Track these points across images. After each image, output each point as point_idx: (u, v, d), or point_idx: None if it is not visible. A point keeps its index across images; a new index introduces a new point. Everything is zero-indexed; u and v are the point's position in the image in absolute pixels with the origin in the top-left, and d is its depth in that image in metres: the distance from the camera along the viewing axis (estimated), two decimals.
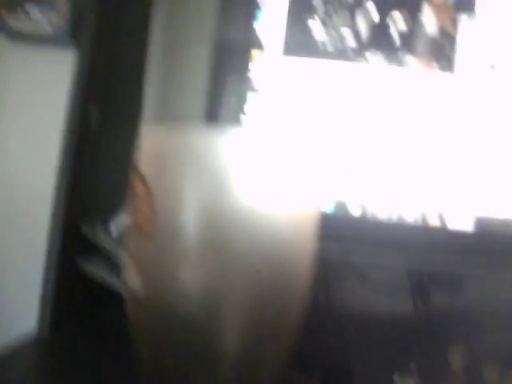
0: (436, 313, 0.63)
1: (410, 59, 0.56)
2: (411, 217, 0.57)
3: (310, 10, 0.56)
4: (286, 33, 0.56)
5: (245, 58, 0.57)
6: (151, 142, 0.33)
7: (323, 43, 0.56)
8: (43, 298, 0.58)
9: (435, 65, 0.56)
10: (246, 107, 0.58)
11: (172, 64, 0.79)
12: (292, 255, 0.32)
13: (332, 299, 0.64)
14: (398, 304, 0.68)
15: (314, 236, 0.33)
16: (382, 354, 0.57)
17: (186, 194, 0.30)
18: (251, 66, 0.58)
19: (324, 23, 0.55)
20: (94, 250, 0.62)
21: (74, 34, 0.77)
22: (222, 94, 0.58)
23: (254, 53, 0.58)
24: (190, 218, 0.30)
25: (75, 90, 0.60)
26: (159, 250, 0.31)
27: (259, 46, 0.58)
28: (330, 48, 0.56)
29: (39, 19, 0.77)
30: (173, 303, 0.31)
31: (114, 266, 0.60)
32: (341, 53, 0.57)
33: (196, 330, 0.31)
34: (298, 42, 0.57)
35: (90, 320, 0.62)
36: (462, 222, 0.57)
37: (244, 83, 0.57)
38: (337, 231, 0.54)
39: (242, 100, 0.57)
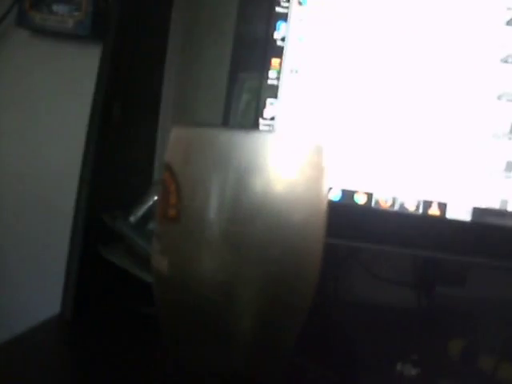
0: (437, 303, 0.66)
1: None
2: (413, 206, 0.61)
3: None
4: None
5: (264, 65, 0.61)
6: (181, 140, 0.36)
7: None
8: (66, 284, 0.61)
9: None
10: (264, 112, 0.62)
11: (191, 60, 0.82)
12: (304, 240, 0.35)
13: (337, 288, 0.67)
14: (401, 293, 0.71)
15: (325, 221, 0.36)
16: (386, 343, 0.60)
17: (210, 186, 0.33)
18: (271, 73, 0.62)
19: None
20: (114, 239, 0.65)
21: (95, 29, 0.80)
22: (239, 94, 0.62)
23: (274, 61, 0.62)
24: (211, 206, 0.33)
25: (99, 84, 0.63)
26: (183, 233, 0.34)
27: (279, 55, 0.62)
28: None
29: (62, 14, 0.79)
30: (195, 284, 0.34)
31: (133, 255, 0.63)
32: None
33: (214, 311, 0.34)
34: None
35: (110, 305, 0.65)
36: (461, 212, 0.60)
37: (262, 88, 0.61)
38: (342, 219, 0.57)
39: (259, 104, 0.61)
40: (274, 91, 0.61)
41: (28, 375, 0.48)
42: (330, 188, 0.61)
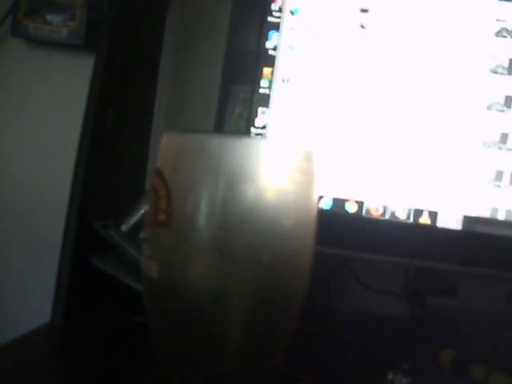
0: (428, 312, 0.66)
1: None
2: (403, 214, 0.61)
3: None
4: None
5: (255, 74, 0.61)
6: (172, 145, 0.36)
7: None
8: (57, 292, 0.61)
9: None
10: (256, 120, 0.63)
11: (184, 70, 0.82)
12: (294, 246, 0.35)
13: (329, 298, 0.67)
14: (392, 302, 0.71)
15: (315, 227, 0.36)
16: (377, 353, 0.60)
17: (200, 191, 0.34)
18: (262, 82, 0.62)
19: None
20: (106, 247, 0.64)
21: (89, 38, 0.80)
22: (231, 103, 0.62)
23: (266, 70, 0.62)
24: (201, 212, 0.33)
25: (92, 94, 0.63)
26: (173, 239, 0.34)
27: (270, 64, 0.62)
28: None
29: (56, 24, 0.80)
30: (184, 289, 0.34)
31: (125, 263, 0.63)
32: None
33: (204, 316, 0.34)
34: None
35: (101, 313, 0.65)
36: (451, 221, 0.61)
37: (254, 97, 0.61)
38: (333, 227, 0.57)
39: (251, 113, 0.61)
40: (265, 100, 0.62)
41: (17, 383, 0.47)
42: (321, 196, 0.61)
